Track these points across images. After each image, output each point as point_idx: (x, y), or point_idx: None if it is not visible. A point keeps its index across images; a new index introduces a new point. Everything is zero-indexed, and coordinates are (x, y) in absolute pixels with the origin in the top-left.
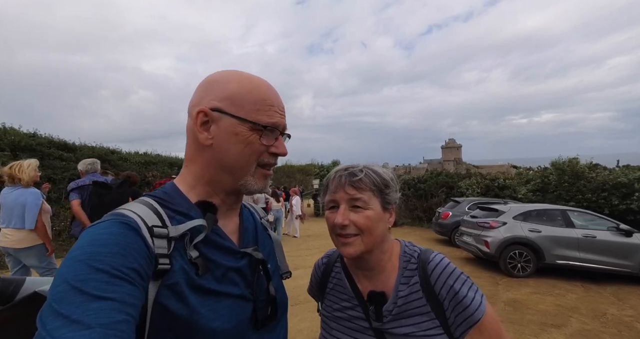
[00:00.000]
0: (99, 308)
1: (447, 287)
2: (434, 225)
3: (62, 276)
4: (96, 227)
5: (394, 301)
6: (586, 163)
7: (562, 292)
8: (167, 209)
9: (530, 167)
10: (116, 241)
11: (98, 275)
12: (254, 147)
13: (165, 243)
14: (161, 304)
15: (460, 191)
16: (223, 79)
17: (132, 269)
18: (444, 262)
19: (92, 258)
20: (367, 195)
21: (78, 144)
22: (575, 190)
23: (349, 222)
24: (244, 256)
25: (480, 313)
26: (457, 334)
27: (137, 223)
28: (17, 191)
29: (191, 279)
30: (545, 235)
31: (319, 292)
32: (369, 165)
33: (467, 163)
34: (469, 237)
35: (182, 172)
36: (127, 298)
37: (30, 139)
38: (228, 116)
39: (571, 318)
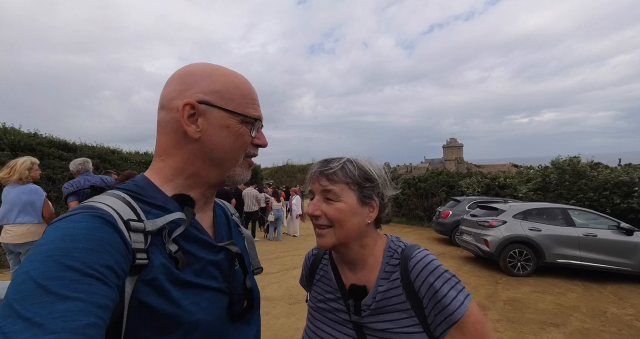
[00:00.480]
0: (67, 310)
1: (427, 284)
2: (434, 224)
3: (26, 272)
4: (67, 220)
5: (373, 296)
6: (587, 162)
7: (562, 291)
8: (141, 202)
9: (531, 166)
10: (90, 236)
11: (68, 273)
12: (244, 139)
13: (142, 237)
14: (140, 300)
15: (460, 190)
16: (204, 73)
17: (107, 267)
18: (427, 259)
19: (64, 254)
20: (340, 187)
21: (78, 144)
22: (577, 189)
23: (321, 213)
24: (220, 250)
25: (460, 313)
26: (437, 334)
27: (113, 217)
28: (18, 188)
29: (172, 274)
30: (545, 234)
31: (308, 283)
32: (354, 158)
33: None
34: (469, 236)
35: (157, 166)
36: (99, 298)
37: (30, 138)
38: (217, 109)
39: (571, 316)
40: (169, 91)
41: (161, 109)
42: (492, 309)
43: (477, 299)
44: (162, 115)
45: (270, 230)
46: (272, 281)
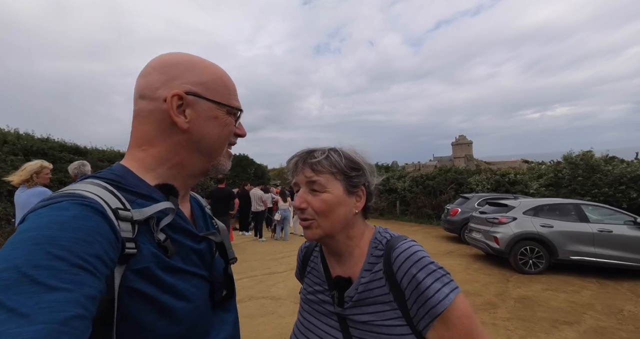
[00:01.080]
0: (53, 301)
1: (409, 276)
2: (443, 222)
3: (9, 260)
4: (53, 207)
5: (355, 287)
6: (602, 156)
7: (576, 288)
8: (124, 191)
9: (543, 162)
10: (79, 225)
11: (56, 263)
12: (229, 129)
13: (129, 226)
14: (132, 288)
15: (469, 187)
16: (188, 63)
17: (96, 256)
18: (410, 249)
19: (51, 243)
20: (325, 177)
21: (89, 148)
22: (591, 184)
23: (307, 205)
24: (202, 240)
25: (444, 306)
26: (420, 327)
27: (102, 206)
28: (28, 191)
29: (163, 261)
30: (557, 230)
31: (300, 275)
32: (339, 147)
33: (478, 160)
34: (478, 234)
35: (137, 155)
36: (87, 289)
37: (42, 143)
38: (205, 100)
39: (585, 314)
40: (151, 80)
41: (141, 99)
42: (503, 307)
43: (487, 297)
44: (143, 104)
45: (277, 230)
46: (279, 280)
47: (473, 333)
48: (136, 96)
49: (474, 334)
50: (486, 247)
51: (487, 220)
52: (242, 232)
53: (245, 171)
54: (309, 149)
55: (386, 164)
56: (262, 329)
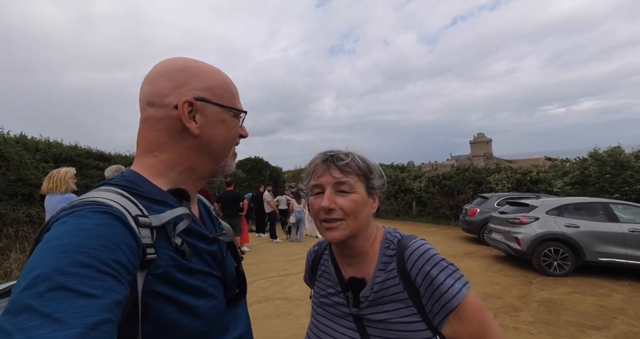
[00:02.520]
0: (84, 306)
1: (423, 273)
2: (461, 222)
3: (40, 266)
4: (76, 216)
5: (370, 287)
6: (632, 152)
7: (605, 292)
8: (140, 197)
9: (567, 159)
10: (102, 233)
11: (83, 269)
12: (235, 131)
13: (148, 233)
14: (154, 292)
15: (489, 186)
16: (195, 70)
17: (119, 263)
18: (422, 248)
19: (78, 251)
20: (353, 179)
21: (113, 154)
22: (621, 181)
23: (335, 206)
24: (213, 241)
25: (458, 301)
26: (435, 323)
27: (123, 213)
28: (55, 197)
29: (181, 265)
30: (584, 230)
31: (310, 279)
32: (352, 151)
33: (498, 158)
34: (498, 235)
35: (148, 161)
36: (113, 295)
37: (70, 150)
38: (212, 105)
39: (616, 319)
40: (158, 87)
41: (149, 106)
42: (525, 310)
43: (509, 300)
44: (152, 111)
45: (293, 231)
46: (294, 282)
47: (486, 325)
48: (143, 102)
49: (487, 327)
50: (507, 249)
51: (508, 220)
52: (258, 234)
53: (261, 174)
54: (330, 151)
55: (402, 164)
56: (278, 329)
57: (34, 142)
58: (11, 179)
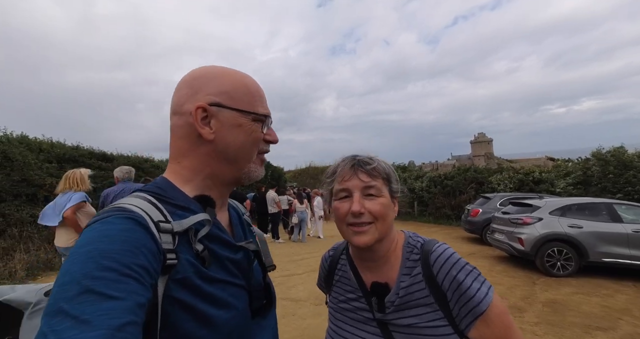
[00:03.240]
0: (110, 308)
1: (450, 277)
2: (463, 223)
3: (69, 273)
4: (103, 222)
5: (396, 292)
6: (635, 152)
7: (610, 292)
8: (165, 203)
9: (570, 159)
10: (126, 238)
11: (108, 273)
12: (255, 136)
13: (170, 238)
14: (173, 297)
15: (491, 186)
16: (211, 75)
17: (142, 267)
18: (447, 252)
19: (103, 256)
20: (380, 183)
21: (115, 154)
22: (624, 181)
23: (365, 210)
24: (239, 249)
25: (486, 304)
26: (462, 326)
27: (145, 219)
28: (67, 195)
29: (201, 272)
30: (587, 231)
31: (326, 284)
32: (373, 156)
33: (499, 158)
34: (501, 235)
35: (174, 168)
36: (137, 298)
37: (73, 151)
38: (228, 109)
39: (621, 320)
40: (179, 96)
41: (173, 115)
42: (529, 311)
43: (513, 301)
44: (175, 120)
45: (295, 232)
46: (298, 282)
47: (510, 328)
48: (170, 112)
49: (511, 330)
50: (510, 249)
51: (511, 221)
52: None
53: None
54: (357, 156)
55: (402, 164)
56: (284, 330)
57: (37, 142)
58: (15, 179)
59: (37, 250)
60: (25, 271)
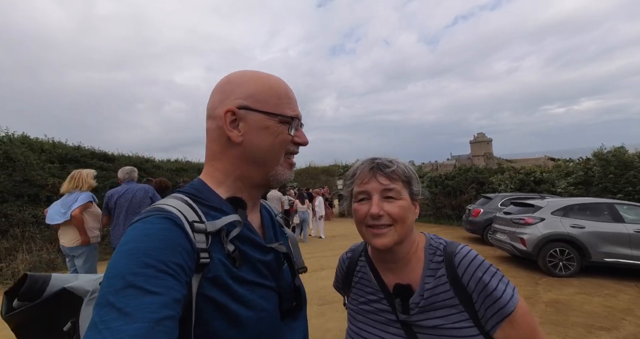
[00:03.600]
0: (150, 303)
1: (475, 279)
2: (464, 223)
3: (115, 268)
4: (144, 221)
5: (420, 294)
6: (636, 152)
7: (612, 292)
8: (201, 204)
9: (570, 159)
10: (163, 237)
11: (148, 270)
12: (282, 138)
13: (204, 238)
14: (205, 295)
15: (492, 186)
16: (241, 79)
17: (178, 264)
18: (471, 254)
19: (142, 253)
20: (399, 185)
21: (116, 154)
22: (624, 181)
23: (384, 213)
24: (269, 251)
25: (512, 306)
26: (488, 328)
27: (180, 219)
28: (74, 195)
29: (231, 271)
30: (589, 231)
31: (345, 286)
32: (393, 158)
33: (499, 158)
34: (502, 235)
35: (208, 171)
36: (174, 293)
37: (75, 151)
38: (255, 112)
39: (624, 320)
40: (213, 101)
41: (208, 119)
42: (533, 311)
43: None
44: (209, 124)
45: (297, 232)
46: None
47: (535, 329)
48: (206, 116)
49: (536, 330)
50: (512, 249)
51: (513, 221)
52: None
53: None
54: (376, 158)
55: None
56: None
57: (38, 142)
58: (17, 179)
59: (40, 250)
60: (28, 271)
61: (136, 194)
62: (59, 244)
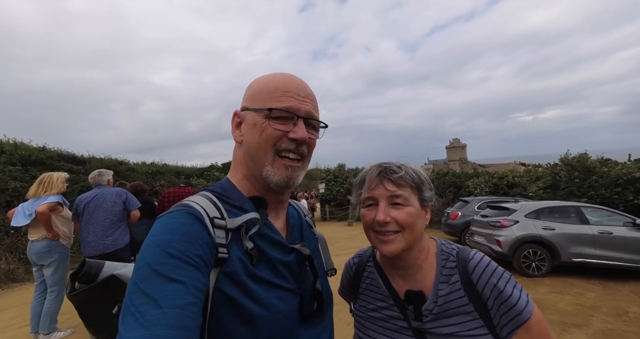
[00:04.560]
0: (175, 290)
1: (490, 285)
2: (443, 226)
3: (143, 259)
4: (168, 216)
5: (434, 301)
6: (597, 158)
7: (580, 291)
8: (225, 202)
9: (539, 164)
10: (186, 230)
11: (172, 260)
12: (267, 133)
13: (223, 234)
14: (221, 290)
15: (468, 190)
16: (253, 82)
17: (199, 256)
18: (485, 260)
19: (167, 245)
20: (407, 192)
21: (86, 157)
22: (587, 186)
23: (390, 219)
24: (292, 251)
25: (528, 313)
26: (503, 335)
27: (202, 214)
28: (41, 199)
29: (247, 268)
30: (559, 233)
31: (351, 292)
32: (406, 162)
33: (473, 162)
34: (480, 237)
35: (232, 171)
36: (196, 282)
37: (39, 152)
38: (249, 111)
39: (592, 317)
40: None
41: None
42: None
43: None
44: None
45: None
46: None
47: (549, 335)
48: None
49: (550, 336)
50: (489, 251)
51: (489, 223)
52: None
53: None
54: (384, 163)
55: None
56: None
57: None
58: None
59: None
60: None
61: (106, 199)
62: (20, 254)
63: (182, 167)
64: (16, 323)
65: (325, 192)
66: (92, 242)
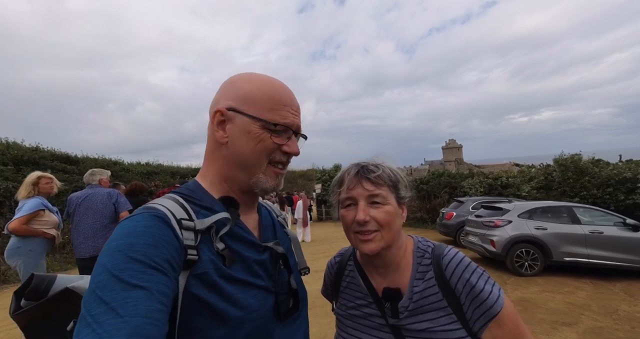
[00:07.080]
0: (137, 297)
1: (462, 281)
2: (438, 226)
3: (103, 264)
4: (131, 219)
5: (409, 297)
6: (589, 159)
7: (571, 289)
8: (192, 204)
9: (533, 165)
10: (150, 233)
11: (134, 265)
12: (265, 145)
13: (192, 235)
14: (192, 293)
15: (463, 190)
16: (240, 80)
17: (165, 260)
18: (458, 256)
19: (129, 249)
20: (385, 190)
21: (80, 157)
22: (580, 186)
23: (370, 219)
24: (265, 250)
25: (499, 306)
26: (475, 329)
27: (168, 216)
28: (27, 201)
29: (220, 269)
30: (551, 232)
31: (333, 291)
32: (380, 160)
33: (468, 163)
34: (474, 237)
35: (203, 171)
36: (162, 287)
37: (32, 152)
38: (241, 115)
39: (582, 315)
40: (213, 100)
41: (209, 117)
42: None
43: None
44: (208, 123)
45: None
46: None
47: (520, 327)
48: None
49: (521, 329)
50: (483, 251)
51: (484, 223)
52: None
53: None
54: (361, 164)
55: None
56: None
57: None
58: None
59: None
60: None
61: (97, 200)
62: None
63: (178, 168)
64: (4, 326)
65: (321, 193)
66: (82, 244)
